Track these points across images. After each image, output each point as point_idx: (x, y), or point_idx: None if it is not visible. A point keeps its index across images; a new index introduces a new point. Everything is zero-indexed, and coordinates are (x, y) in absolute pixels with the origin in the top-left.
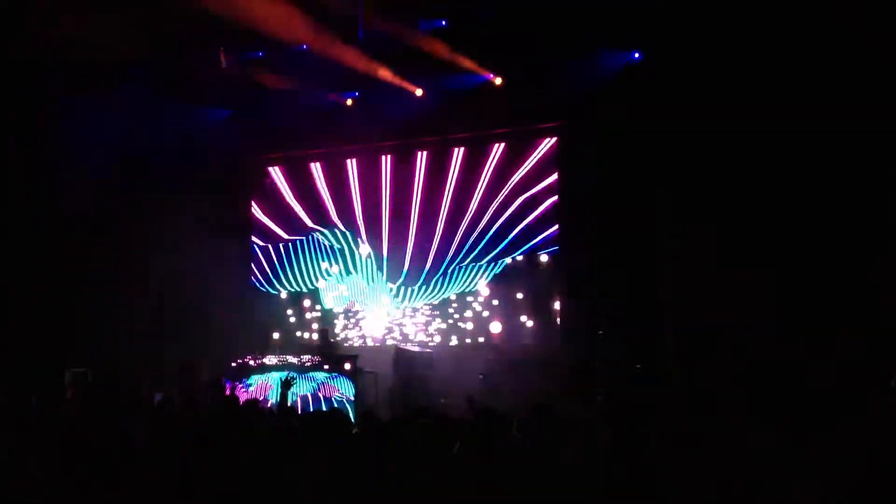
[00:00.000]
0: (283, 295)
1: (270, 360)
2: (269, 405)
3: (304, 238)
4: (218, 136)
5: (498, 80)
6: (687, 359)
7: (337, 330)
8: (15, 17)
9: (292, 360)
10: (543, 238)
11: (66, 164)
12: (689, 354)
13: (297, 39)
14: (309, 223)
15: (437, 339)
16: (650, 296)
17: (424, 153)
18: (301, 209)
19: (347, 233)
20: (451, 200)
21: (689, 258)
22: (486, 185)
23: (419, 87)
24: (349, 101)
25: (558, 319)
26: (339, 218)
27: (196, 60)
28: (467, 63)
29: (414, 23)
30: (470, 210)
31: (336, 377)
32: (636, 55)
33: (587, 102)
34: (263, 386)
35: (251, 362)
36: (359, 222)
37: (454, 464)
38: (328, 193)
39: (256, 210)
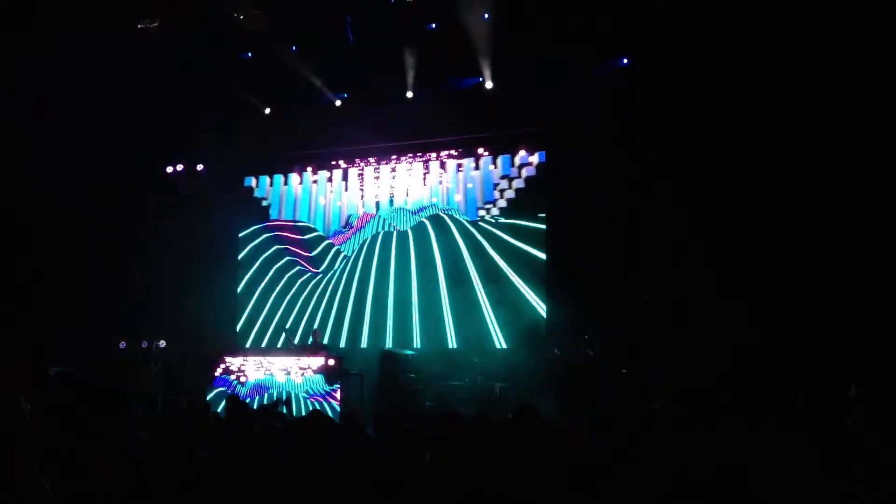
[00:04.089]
0: None
1: (251, 365)
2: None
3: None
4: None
5: (489, 84)
6: (674, 365)
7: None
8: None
9: (280, 370)
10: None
11: (56, 162)
12: (677, 360)
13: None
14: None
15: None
16: (637, 300)
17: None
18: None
19: None
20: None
21: (675, 260)
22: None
23: (409, 89)
24: (338, 102)
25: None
26: None
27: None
28: (457, 67)
29: (404, 27)
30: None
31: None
32: (624, 61)
33: (575, 107)
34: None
35: (233, 376)
36: None
37: (438, 466)
38: None
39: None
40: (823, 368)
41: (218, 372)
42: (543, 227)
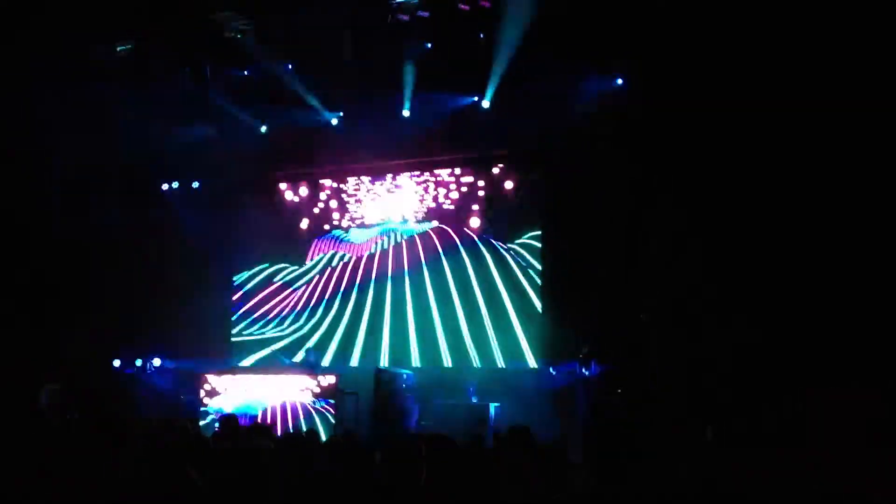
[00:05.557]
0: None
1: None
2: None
3: None
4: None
5: (485, 104)
6: (670, 379)
7: None
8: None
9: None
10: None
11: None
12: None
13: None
14: None
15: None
16: (634, 318)
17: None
18: None
19: None
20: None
21: (673, 279)
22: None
23: (405, 108)
24: (334, 121)
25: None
26: None
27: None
28: (453, 85)
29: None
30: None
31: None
32: (619, 81)
33: (569, 128)
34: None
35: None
36: None
37: (432, 483)
38: None
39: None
40: (823, 368)
41: (202, 393)
42: (539, 245)
